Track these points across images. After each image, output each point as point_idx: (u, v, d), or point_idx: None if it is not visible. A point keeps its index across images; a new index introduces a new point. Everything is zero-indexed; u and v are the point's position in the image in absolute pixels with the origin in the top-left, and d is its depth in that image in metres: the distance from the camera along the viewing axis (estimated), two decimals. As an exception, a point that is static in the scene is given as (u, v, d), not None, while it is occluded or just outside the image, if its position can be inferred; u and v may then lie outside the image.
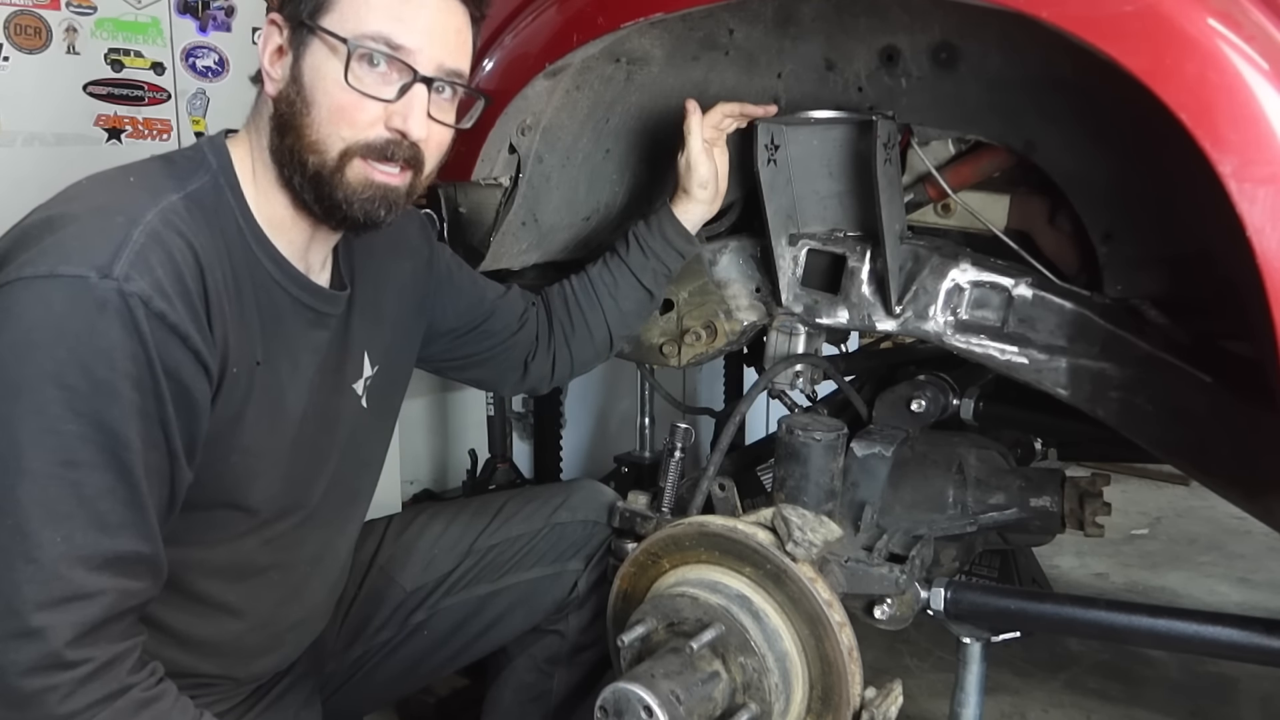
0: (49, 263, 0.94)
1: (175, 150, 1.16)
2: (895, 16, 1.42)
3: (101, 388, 0.93)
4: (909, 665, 2.30)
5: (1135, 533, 3.16)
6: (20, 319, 0.93)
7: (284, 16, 1.09)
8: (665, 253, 1.56)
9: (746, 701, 1.21)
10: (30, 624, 0.90)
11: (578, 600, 1.53)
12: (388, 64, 1.07)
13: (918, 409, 1.60)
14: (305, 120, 1.08)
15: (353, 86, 1.06)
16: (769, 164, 1.54)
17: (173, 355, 0.98)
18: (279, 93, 1.10)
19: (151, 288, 0.95)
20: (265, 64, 1.11)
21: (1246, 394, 1.27)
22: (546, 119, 1.52)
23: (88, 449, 0.93)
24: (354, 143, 1.08)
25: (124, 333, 0.94)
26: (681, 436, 1.47)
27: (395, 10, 1.08)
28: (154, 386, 0.97)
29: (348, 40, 1.05)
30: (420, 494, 2.74)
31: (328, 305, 1.21)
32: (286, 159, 1.10)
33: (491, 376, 1.60)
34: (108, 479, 0.94)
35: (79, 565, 0.93)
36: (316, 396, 1.21)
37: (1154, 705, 2.18)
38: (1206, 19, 1.01)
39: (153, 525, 0.99)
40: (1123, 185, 1.39)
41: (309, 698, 1.39)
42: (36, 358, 0.92)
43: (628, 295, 1.57)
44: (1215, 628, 1.23)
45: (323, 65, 1.07)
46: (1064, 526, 1.59)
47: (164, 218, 1.00)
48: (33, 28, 1.89)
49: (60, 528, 0.92)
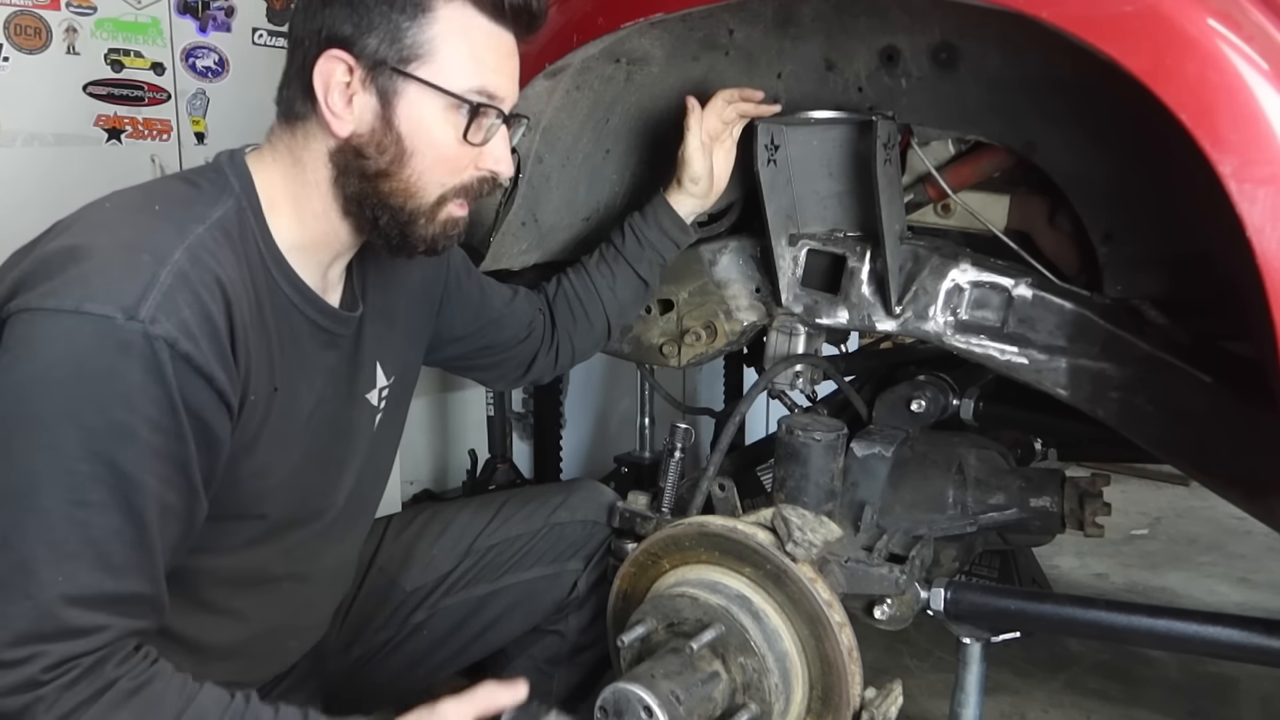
0: (74, 297, 0.93)
1: (196, 169, 1.14)
2: (895, 17, 1.42)
3: (118, 430, 0.93)
4: (909, 665, 2.30)
5: (1135, 533, 3.16)
6: (42, 353, 0.93)
7: (355, 56, 1.06)
8: (660, 242, 1.57)
9: (746, 702, 1.21)
10: (11, 657, 0.90)
11: (577, 600, 1.53)
12: (485, 112, 1.10)
13: (918, 409, 1.60)
14: (405, 168, 1.09)
15: (470, 143, 1.09)
16: (769, 164, 1.54)
17: (197, 396, 0.98)
18: (356, 134, 1.08)
19: (178, 329, 0.95)
20: (329, 101, 1.07)
21: (1246, 394, 1.27)
22: (546, 119, 1.52)
23: (99, 490, 0.93)
24: (451, 187, 1.11)
25: (146, 376, 0.94)
26: (681, 437, 1.47)
27: (492, 63, 1.10)
28: (176, 428, 0.96)
29: (467, 100, 1.08)
30: (420, 494, 2.74)
31: (341, 326, 1.21)
32: (370, 199, 1.10)
33: (493, 377, 1.61)
34: (116, 520, 0.94)
35: (77, 605, 0.92)
36: (328, 410, 1.22)
37: (1154, 705, 2.18)
38: (1206, 19, 1.01)
39: (158, 566, 0.99)
40: (1123, 185, 1.39)
41: (310, 698, 1.39)
42: (56, 395, 0.92)
43: (625, 285, 1.59)
44: (1215, 628, 1.23)
45: (427, 117, 1.08)
46: (1064, 527, 1.59)
47: (191, 255, 0.99)
48: (33, 28, 1.89)
49: (63, 567, 0.92)
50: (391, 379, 1.33)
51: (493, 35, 1.10)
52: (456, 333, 1.48)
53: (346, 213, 1.12)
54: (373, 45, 1.06)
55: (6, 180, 1.87)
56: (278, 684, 1.33)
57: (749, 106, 1.53)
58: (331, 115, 1.07)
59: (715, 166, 1.54)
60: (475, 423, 2.77)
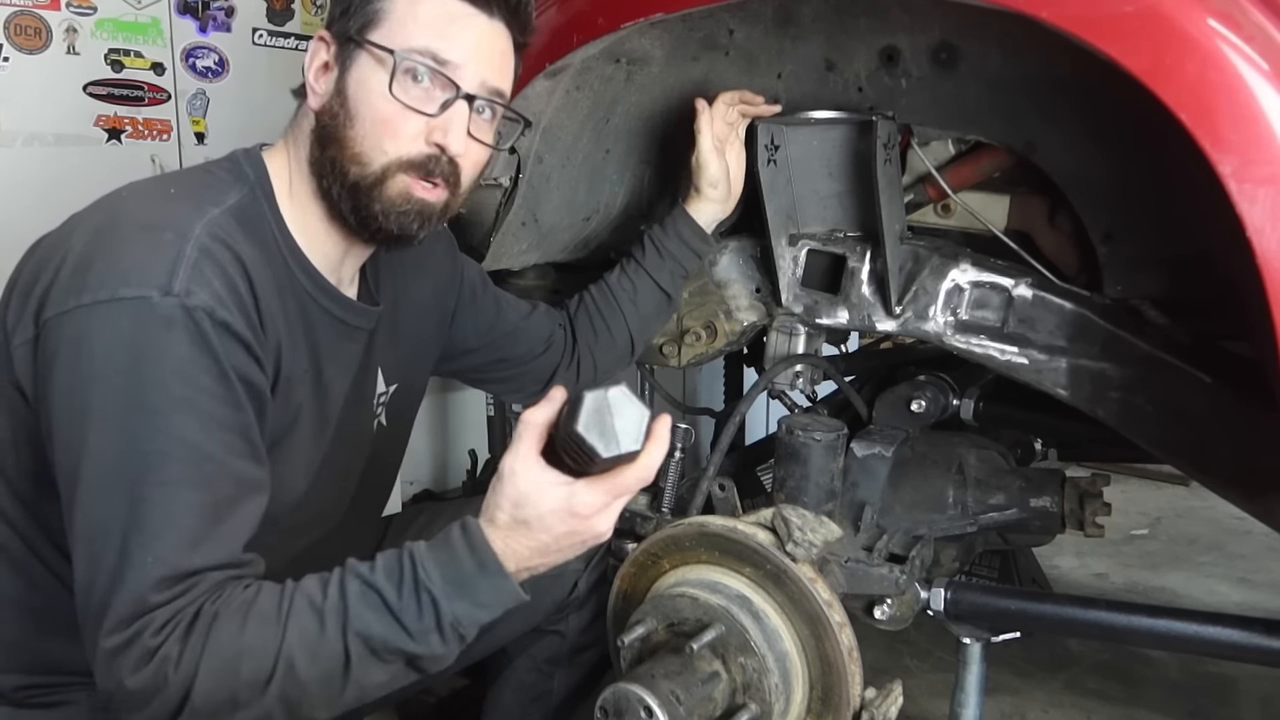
0: (109, 287, 0.95)
1: (211, 161, 1.16)
2: (895, 17, 1.42)
3: (180, 404, 0.95)
4: (909, 665, 2.30)
5: (1135, 533, 3.16)
6: (91, 347, 0.95)
7: (332, 33, 1.11)
8: (681, 253, 1.56)
9: (746, 702, 1.21)
10: (119, 640, 0.92)
11: (578, 600, 1.53)
12: (432, 79, 1.09)
13: (918, 409, 1.60)
14: (348, 132, 1.09)
15: (396, 97, 1.07)
16: (769, 164, 1.54)
17: (241, 361, 1.00)
18: (322, 106, 1.11)
19: (212, 299, 0.97)
20: (310, 79, 1.12)
21: (1246, 394, 1.27)
22: (546, 119, 1.52)
23: (173, 466, 0.94)
24: (396, 157, 1.10)
25: (194, 347, 0.96)
26: (681, 436, 1.47)
27: (442, 27, 1.09)
28: (230, 395, 0.98)
29: (394, 52, 1.07)
30: (420, 494, 2.74)
31: (358, 319, 1.22)
32: (327, 170, 1.11)
33: (510, 389, 1.60)
34: (193, 495, 0.95)
35: (167, 584, 0.94)
36: (345, 410, 1.22)
37: (1154, 705, 2.18)
38: (1206, 19, 1.01)
39: (238, 537, 1.00)
40: (1123, 185, 1.39)
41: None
42: (117, 383, 0.94)
43: (647, 299, 1.58)
44: (1215, 628, 1.23)
45: (368, 78, 1.09)
46: (1064, 527, 1.59)
47: (210, 231, 1.01)
48: (33, 28, 1.89)
49: (151, 548, 0.93)
50: (391, 388, 1.33)
51: (453, 6, 1.10)
52: (469, 344, 1.48)
53: (317, 191, 1.13)
54: (343, 22, 1.10)
55: (6, 180, 1.87)
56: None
57: (750, 108, 1.53)
58: (313, 94, 1.12)
59: (730, 168, 1.54)
60: (475, 423, 2.77)
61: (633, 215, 1.79)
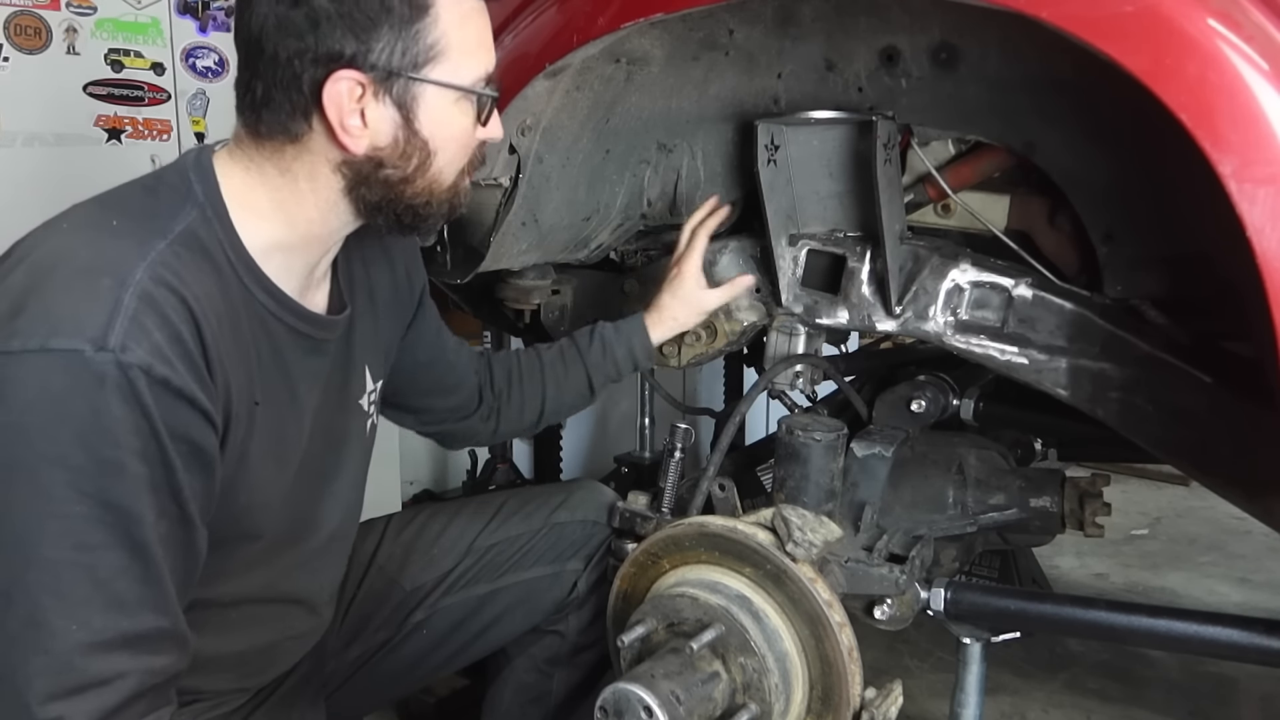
0: (39, 335, 0.89)
1: (157, 173, 1.10)
2: (895, 17, 1.42)
3: (107, 466, 0.90)
4: (909, 665, 2.30)
5: (1135, 533, 3.16)
6: (16, 397, 0.89)
7: (365, 72, 1.02)
8: (624, 363, 1.57)
9: (746, 702, 1.21)
10: (40, 717, 0.88)
11: (577, 600, 1.53)
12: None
13: (918, 409, 1.60)
14: (431, 168, 1.10)
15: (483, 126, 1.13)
16: (769, 164, 1.54)
17: (180, 419, 0.94)
18: (376, 148, 1.06)
19: (150, 354, 0.91)
20: (344, 123, 1.03)
21: (1246, 394, 1.27)
22: (546, 119, 1.52)
23: (98, 530, 0.90)
24: (461, 168, 1.15)
25: (126, 407, 0.90)
26: (681, 437, 1.47)
27: (487, 42, 1.12)
28: (162, 457, 0.93)
29: (478, 95, 1.10)
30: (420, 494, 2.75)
31: (325, 331, 1.19)
32: (396, 203, 1.11)
33: (412, 424, 1.56)
34: (121, 558, 0.92)
35: (96, 651, 0.90)
36: (320, 420, 1.20)
37: (1154, 705, 2.18)
38: (1206, 19, 1.01)
39: (171, 598, 0.97)
40: (1123, 185, 1.39)
41: (313, 698, 1.39)
42: (37, 440, 0.89)
43: (572, 388, 1.57)
44: (1215, 628, 1.23)
45: (450, 118, 1.09)
46: (1064, 527, 1.59)
47: (153, 274, 0.95)
48: (33, 28, 1.90)
49: (75, 615, 0.90)
50: (379, 383, 1.32)
51: (481, 13, 1.11)
52: (417, 356, 1.44)
53: (359, 214, 1.12)
54: (382, 57, 1.03)
55: (6, 180, 1.87)
56: (280, 684, 1.33)
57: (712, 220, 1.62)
58: (346, 135, 1.04)
59: (705, 300, 1.59)
60: (475, 423, 2.77)
61: (632, 215, 1.79)
